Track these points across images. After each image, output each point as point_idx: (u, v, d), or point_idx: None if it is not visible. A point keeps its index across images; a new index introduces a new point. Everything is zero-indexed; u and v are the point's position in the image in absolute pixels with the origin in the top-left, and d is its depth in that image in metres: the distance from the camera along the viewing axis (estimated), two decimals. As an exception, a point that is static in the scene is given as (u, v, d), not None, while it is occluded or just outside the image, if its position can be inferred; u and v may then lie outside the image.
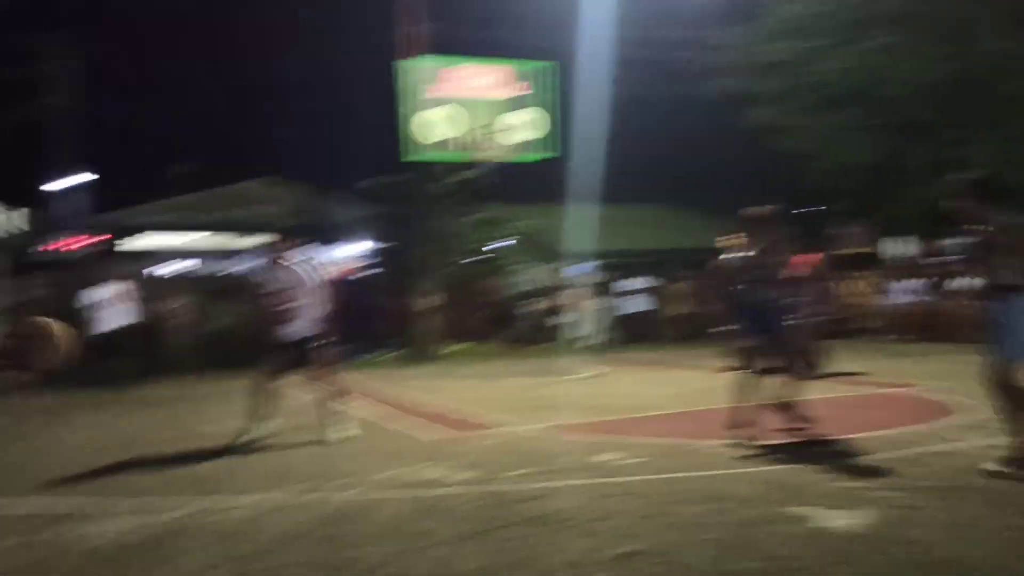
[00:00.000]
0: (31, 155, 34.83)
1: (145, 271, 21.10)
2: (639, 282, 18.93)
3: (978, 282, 5.78)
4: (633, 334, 18.37)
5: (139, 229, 21.79)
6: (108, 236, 18.30)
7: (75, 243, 17.51)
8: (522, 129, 15.61)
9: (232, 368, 11.50)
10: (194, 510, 5.14)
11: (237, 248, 23.85)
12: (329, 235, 23.62)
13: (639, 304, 18.71)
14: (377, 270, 18.74)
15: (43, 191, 24.53)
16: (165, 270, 22.26)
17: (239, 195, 24.08)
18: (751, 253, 6.69)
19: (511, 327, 18.53)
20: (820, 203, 22.72)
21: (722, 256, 7.15)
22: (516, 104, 15.54)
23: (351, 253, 22.91)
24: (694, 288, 19.25)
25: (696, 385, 10.56)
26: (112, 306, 13.21)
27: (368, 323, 17.90)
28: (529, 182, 21.75)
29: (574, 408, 8.87)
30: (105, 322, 13.06)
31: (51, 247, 17.39)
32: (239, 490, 5.61)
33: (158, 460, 6.84)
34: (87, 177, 21.47)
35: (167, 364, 14.30)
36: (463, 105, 15.20)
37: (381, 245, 18.48)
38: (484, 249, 18.16)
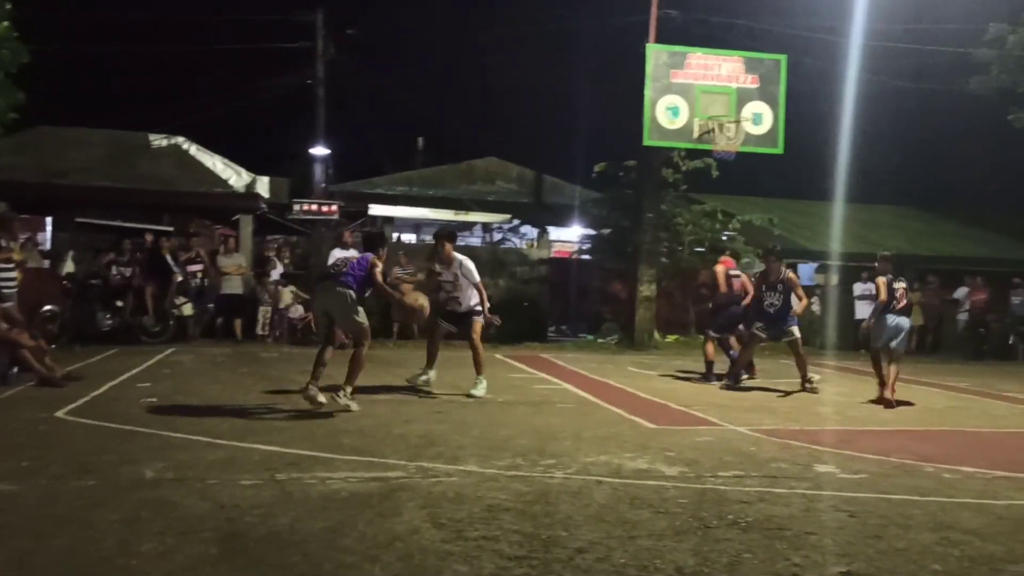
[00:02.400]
0: (277, 126, 37.74)
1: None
2: (871, 287, 18.08)
3: None
4: (859, 341, 17.50)
5: (373, 199, 23.01)
6: (342, 204, 19.42)
7: (315, 209, 18.76)
8: (750, 122, 15.39)
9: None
10: (414, 471, 5.47)
11: (461, 222, 24.74)
12: (549, 217, 24.01)
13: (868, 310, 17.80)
14: (596, 254, 18.86)
15: (285, 159, 26.47)
16: (399, 239, 23.55)
17: (465, 173, 24.88)
18: None
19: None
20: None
21: None
22: (746, 96, 15.37)
23: (570, 236, 23.19)
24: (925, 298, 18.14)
25: (923, 402, 9.96)
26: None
27: (588, 305, 18.17)
28: (756, 175, 21.11)
29: (790, 413, 8.63)
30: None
31: (293, 212, 18.74)
32: (454, 458, 5.89)
33: (378, 417, 7.36)
34: (326, 149, 22.89)
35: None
36: (703, 92, 15.20)
37: (602, 230, 18.55)
38: (708, 241, 17.82)
